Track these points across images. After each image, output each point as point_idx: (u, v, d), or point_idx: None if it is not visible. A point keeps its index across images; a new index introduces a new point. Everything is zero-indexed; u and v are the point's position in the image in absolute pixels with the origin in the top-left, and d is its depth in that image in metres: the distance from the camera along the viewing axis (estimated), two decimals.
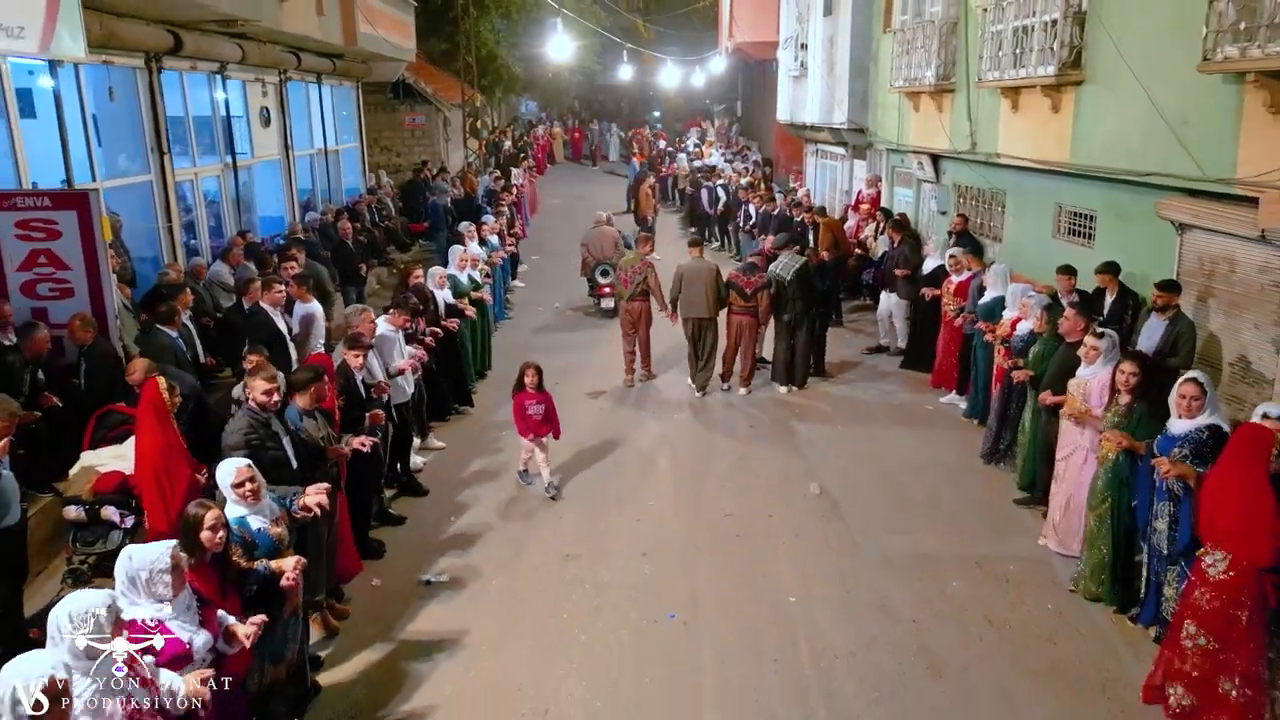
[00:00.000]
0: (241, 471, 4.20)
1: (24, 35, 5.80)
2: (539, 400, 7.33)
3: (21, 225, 6.85)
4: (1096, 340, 6.03)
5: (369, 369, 6.39)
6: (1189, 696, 4.53)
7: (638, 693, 4.94)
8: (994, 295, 8.45)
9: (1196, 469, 4.72)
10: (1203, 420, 4.89)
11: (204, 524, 3.72)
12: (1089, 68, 8.15)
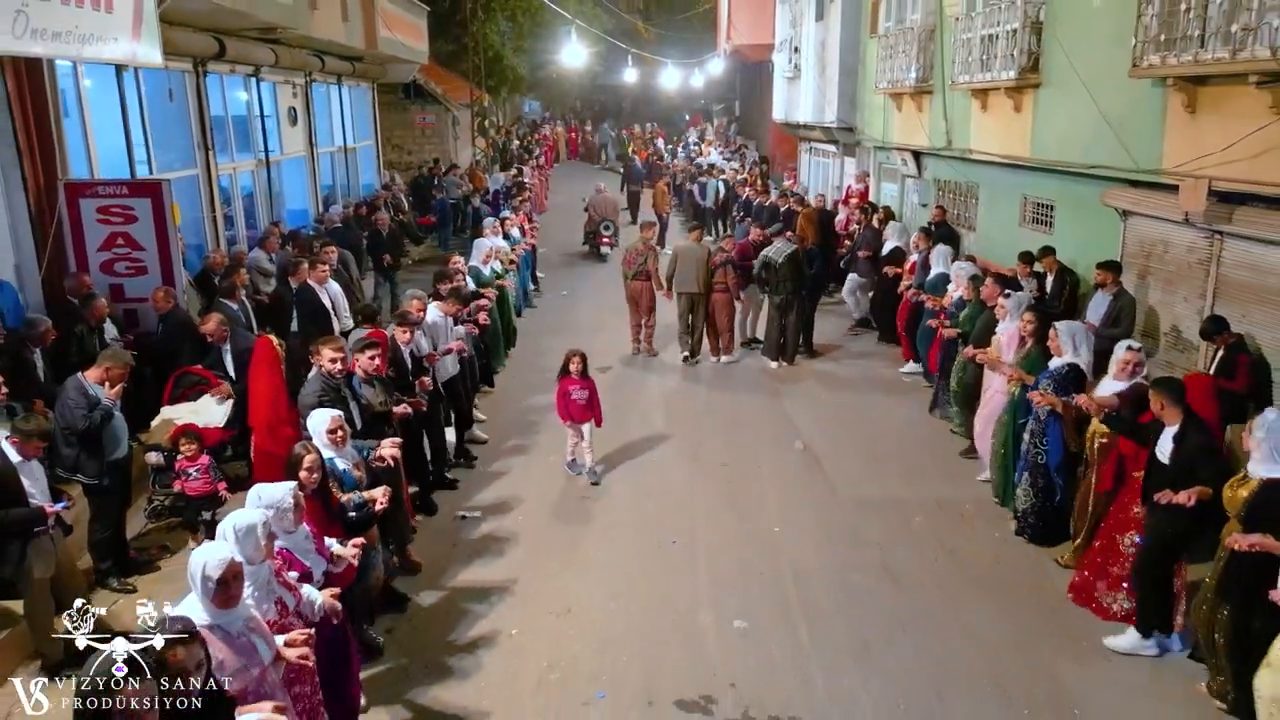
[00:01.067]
0: (334, 419, 4.96)
1: (118, 43, 6.75)
2: (583, 386, 7.54)
3: (102, 211, 7.81)
4: (1004, 300, 7.28)
5: (417, 345, 7.18)
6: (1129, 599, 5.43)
7: (644, 597, 5.90)
8: (938, 272, 9.61)
9: (1062, 398, 5.99)
10: (1065, 360, 6.15)
11: (304, 464, 4.45)
12: (1045, 72, 9.13)
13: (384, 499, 4.94)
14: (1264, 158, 6.15)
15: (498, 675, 5.12)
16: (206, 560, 3.27)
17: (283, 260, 10.36)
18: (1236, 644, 4.49)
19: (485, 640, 5.44)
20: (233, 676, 3.25)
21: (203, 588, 3.27)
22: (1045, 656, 5.29)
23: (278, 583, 3.74)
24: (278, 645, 3.49)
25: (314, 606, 3.88)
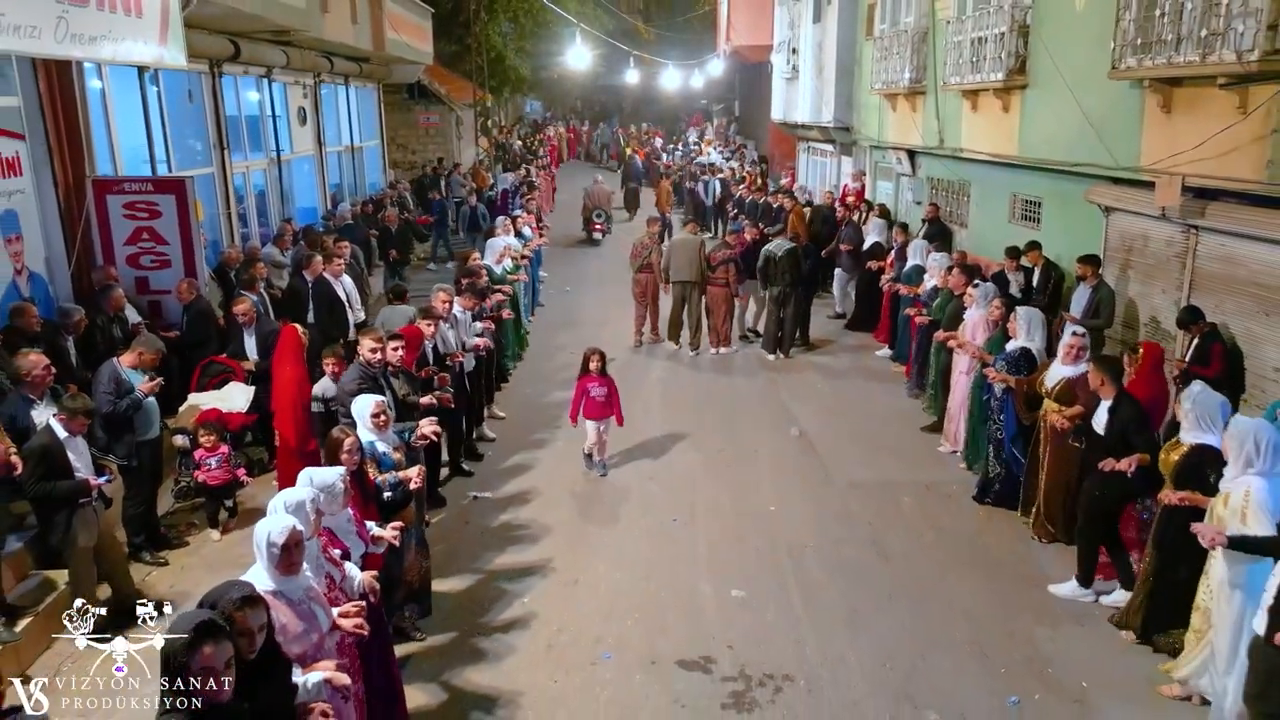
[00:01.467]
0: (378, 404, 5.22)
1: (146, 46, 7.10)
2: (601, 384, 7.66)
3: (129, 206, 8.17)
4: (973, 289, 7.84)
5: (442, 338, 7.49)
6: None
7: (647, 569, 6.27)
8: (913, 264, 10.23)
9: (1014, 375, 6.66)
10: (1019, 343, 6.82)
11: (344, 446, 4.66)
12: (1031, 74, 9.48)
13: (419, 479, 5.14)
14: (1232, 155, 6.51)
15: (511, 639, 5.48)
16: (271, 529, 3.48)
17: (296, 255, 10.73)
18: (1160, 586, 5.11)
19: (498, 608, 5.81)
20: (295, 641, 3.44)
21: (268, 554, 3.47)
22: (1022, 623, 5.65)
23: (324, 558, 3.94)
24: (334, 616, 3.70)
25: (354, 584, 4.07)
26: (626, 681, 5.11)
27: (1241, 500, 4.26)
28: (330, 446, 4.71)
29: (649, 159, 27.53)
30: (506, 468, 8.06)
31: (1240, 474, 4.33)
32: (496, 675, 5.15)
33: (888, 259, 11.30)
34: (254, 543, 3.52)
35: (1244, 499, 4.25)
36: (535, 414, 9.39)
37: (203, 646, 2.76)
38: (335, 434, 4.77)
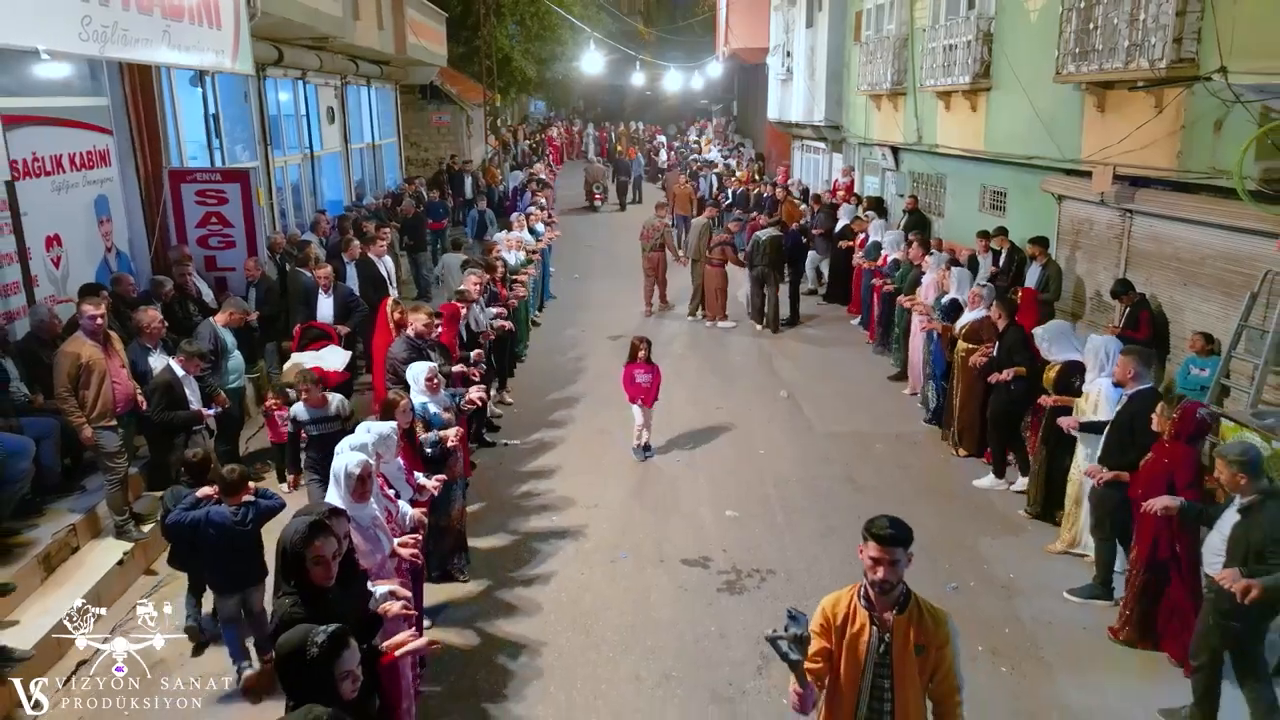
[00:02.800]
0: (431, 369, 6.18)
1: (223, 56, 8.27)
2: (647, 370, 8.15)
3: (200, 194, 9.32)
4: (928, 258, 9.29)
5: (474, 318, 8.56)
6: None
7: (655, 496, 7.45)
8: (873, 240, 11.81)
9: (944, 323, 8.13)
10: (950, 295, 8.30)
11: (399, 407, 5.53)
12: (995, 77, 10.65)
13: (455, 439, 5.95)
14: (1151, 148, 7.67)
15: (544, 546, 6.65)
16: (347, 462, 4.27)
17: (332, 242, 11.86)
18: (1050, 471, 6.68)
19: (531, 525, 6.97)
20: (363, 557, 4.23)
21: (345, 484, 4.23)
22: (968, 534, 6.81)
23: (383, 495, 4.78)
24: (393, 543, 4.57)
25: (406, 518, 4.93)
26: (640, 574, 6.28)
27: (1096, 397, 5.51)
28: (387, 406, 5.49)
29: (649, 156, 28.67)
30: (530, 426, 9.22)
31: (1095, 378, 5.58)
32: (534, 569, 6.33)
33: (858, 239, 12.67)
34: (332, 476, 4.35)
35: (1097, 395, 5.49)
36: (553, 379, 10.58)
37: (315, 539, 3.49)
38: (392, 396, 5.62)
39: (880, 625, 3.12)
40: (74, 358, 5.77)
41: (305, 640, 2.94)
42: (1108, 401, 5.63)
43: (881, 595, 3.11)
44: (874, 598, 3.13)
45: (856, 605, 3.16)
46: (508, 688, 5.11)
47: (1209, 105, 6.83)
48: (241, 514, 4.89)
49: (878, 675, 3.11)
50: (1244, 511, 4.34)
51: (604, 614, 5.82)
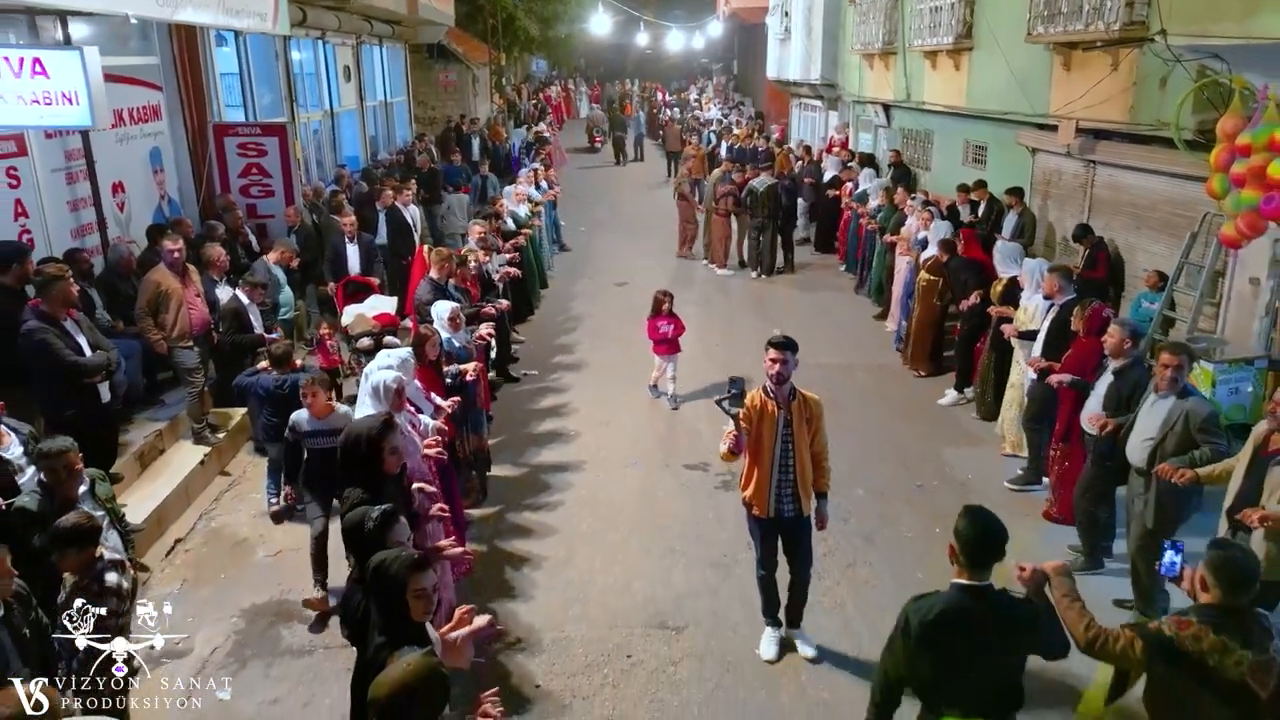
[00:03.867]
0: (454, 309, 6.98)
1: (265, 19, 9.04)
2: (669, 321, 8.57)
3: (241, 146, 10.14)
4: (911, 201, 10.30)
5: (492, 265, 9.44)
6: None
7: (660, 419, 8.42)
8: (862, 188, 12.69)
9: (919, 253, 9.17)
10: (923, 235, 9.39)
11: (429, 341, 6.36)
12: (976, 38, 11.40)
13: (473, 372, 6.76)
14: (1108, 103, 8.49)
15: (563, 455, 7.62)
16: (385, 378, 4.96)
17: (357, 193, 12.69)
18: (996, 376, 7.70)
19: (549, 442, 7.94)
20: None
21: (385, 396, 4.93)
22: (935, 445, 7.78)
23: (408, 409, 5.48)
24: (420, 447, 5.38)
25: (428, 427, 5.68)
26: (648, 476, 7.26)
27: (1032, 309, 6.51)
28: (419, 340, 6.27)
29: (652, 113, 29.30)
30: (544, 361, 10.16)
31: (1031, 294, 6.57)
32: (554, 476, 7.30)
33: (844, 188, 13.58)
34: (372, 387, 5.00)
35: (1034, 309, 6.50)
36: (562, 321, 11.50)
37: (389, 434, 4.24)
38: (424, 330, 6.43)
39: (782, 406, 4.71)
40: (155, 285, 6.68)
41: (364, 517, 3.78)
42: (1040, 312, 6.70)
43: (777, 385, 4.70)
44: (772, 388, 4.71)
45: (764, 396, 4.74)
46: (534, 561, 6.09)
47: (1155, 64, 7.64)
48: (281, 382, 6.23)
49: (783, 438, 4.75)
50: (1117, 373, 5.50)
51: (617, 506, 6.80)
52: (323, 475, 5.45)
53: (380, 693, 2.73)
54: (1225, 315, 7.82)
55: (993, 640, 3.13)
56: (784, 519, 4.86)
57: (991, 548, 3.20)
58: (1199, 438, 4.96)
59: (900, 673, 3.28)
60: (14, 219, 7.08)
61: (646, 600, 5.61)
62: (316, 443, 5.56)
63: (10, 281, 5.64)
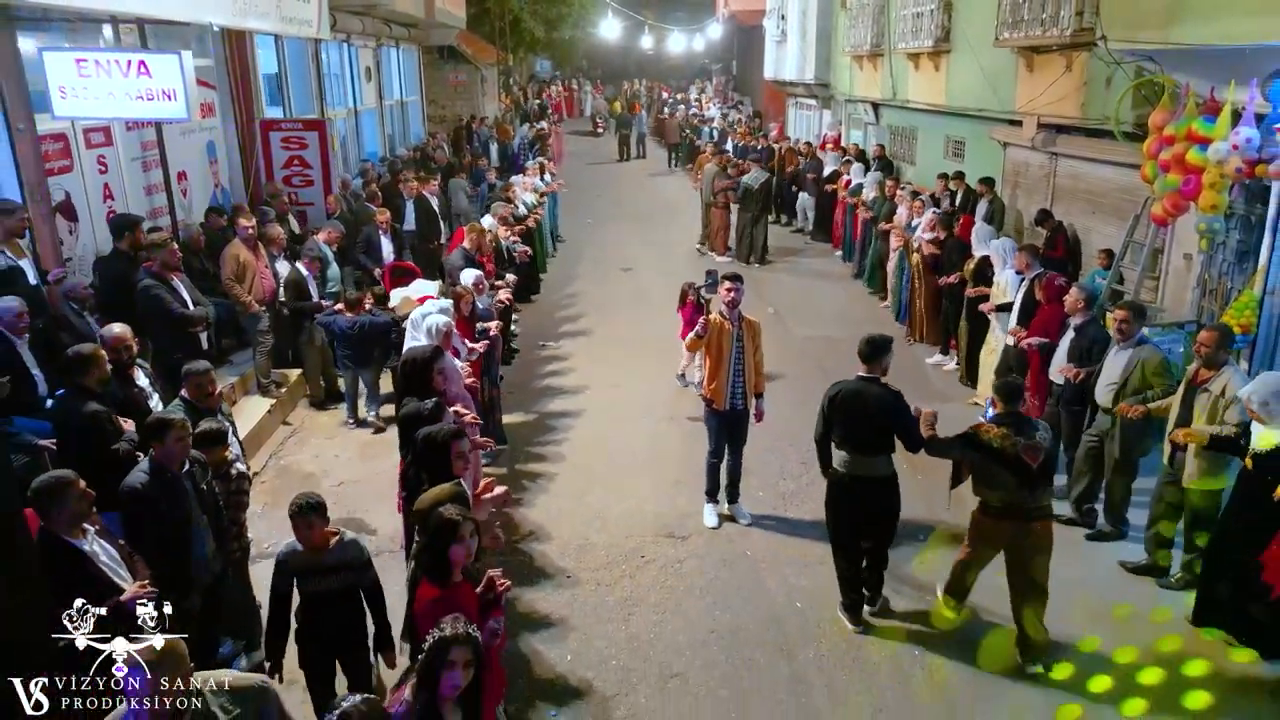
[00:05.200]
0: (478, 275, 8.16)
1: (311, 25, 10.09)
2: (698, 311, 8.67)
3: (284, 140, 11.19)
4: (902, 190, 11.24)
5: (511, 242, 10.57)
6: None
7: (664, 380, 9.44)
8: (856, 182, 13.66)
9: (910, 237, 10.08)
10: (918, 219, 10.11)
11: (464, 298, 7.56)
12: (953, 41, 12.45)
13: (495, 329, 7.94)
14: (1063, 101, 9.55)
15: (579, 411, 8.67)
16: (436, 321, 6.17)
17: (383, 184, 13.72)
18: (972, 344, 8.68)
19: (562, 399, 9.00)
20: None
21: (436, 335, 6.10)
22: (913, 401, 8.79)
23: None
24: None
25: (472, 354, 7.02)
26: (653, 427, 8.32)
27: (1004, 284, 7.47)
28: (455, 296, 7.46)
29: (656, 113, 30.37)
30: (555, 333, 11.22)
31: (1002, 270, 7.55)
32: (570, 427, 8.36)
33: (841, 181, 14.60)
34: (425, 330, 6.18)
35: (1005, 283, 7.45)
36: (571, 300, 12.56)
37: (439, 358, 5.43)
38: (459, 290, 7.59)
39: (735, 325, 6.28)
40: (235, 257, 7.72)
41: (421, 407, 4.84)
42: (1011, 286, 7.68)
43: (730, 309, 6.29)
44: (727, 311, 6.29)
45: (721, 318, 6.29)
46: (556, 491, 7.12)
47: (1101, 66, 8.69)
48: (354, 323, 7.55)
49: (736, 349, 6.29)
50: (1078, 330, 6.55)
51: (629, 450, 7.86)
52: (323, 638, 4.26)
53: (421, 505, 3.84)
54: (1164, 287, 8.88)
55: (873, 408, 5.17)
56: (735, 410, 6.44)
57: (878, 350, 5.31)
58: (1151, 380, 6.03)
59: (823, 427, 5.36)
60: (103, 200, 8.13)
61: (655, 517, 6.67)
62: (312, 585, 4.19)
63: (125, 247, 6.70)
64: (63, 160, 7.48)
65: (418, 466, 4.52)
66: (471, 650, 3.02)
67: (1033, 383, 7.33)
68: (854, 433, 5.25)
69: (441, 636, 3.01)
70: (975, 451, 4.94)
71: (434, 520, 3.64)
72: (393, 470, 7.28)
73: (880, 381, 5.28)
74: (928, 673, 5.00)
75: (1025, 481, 4.82)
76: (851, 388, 5.31)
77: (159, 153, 8.84)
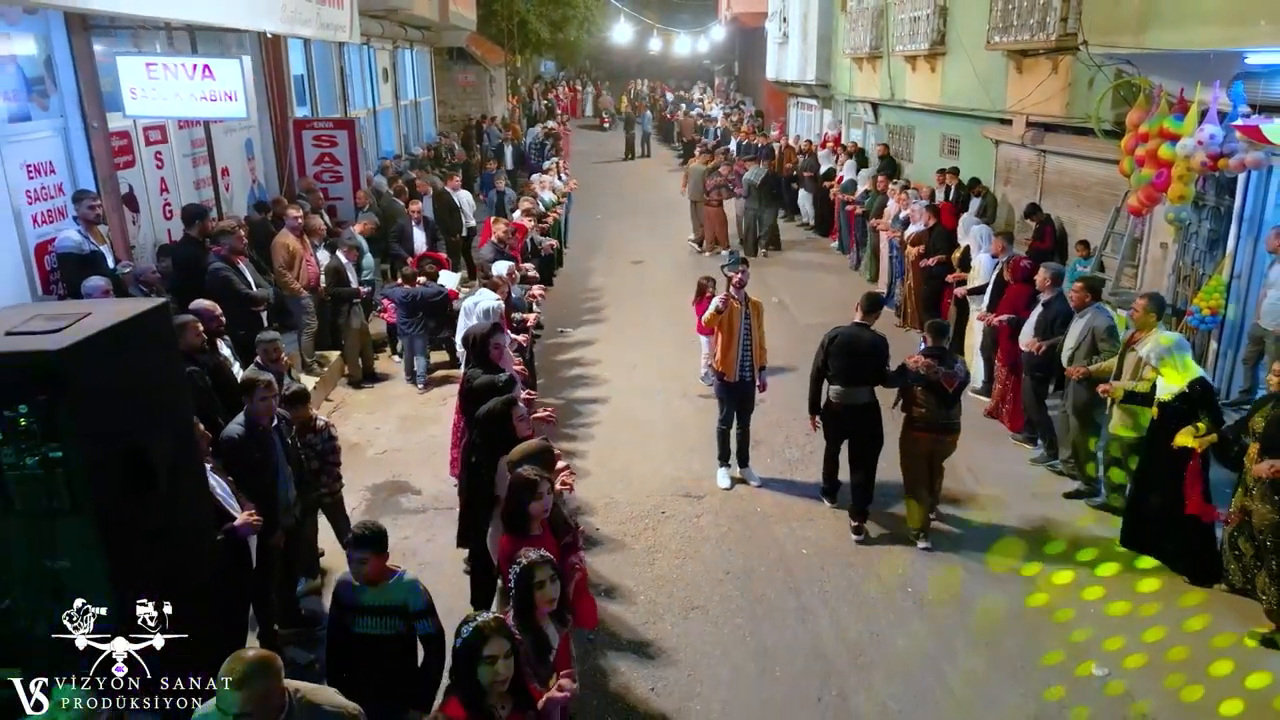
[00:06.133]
0: (510, 266, 8.77)
1: (345, 31, 10.75)
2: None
3: (316, 139, 11.85)
4: (894, 186, 11.87)
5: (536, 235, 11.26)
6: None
7: (678, 362, 10.10)
8: (849, 179, 14.53)
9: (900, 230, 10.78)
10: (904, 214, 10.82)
11: (501, 287, 8.31)
12: (948, 44, 13.10)
13: (533, 320, 8.60)
14: (1050, 101, 10.20)
15: (598, 387, 9.33)
16: (492, 304, 6.97)
17: (406, 180, 14.38)
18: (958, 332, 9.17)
19: (584, 379, 9.66)
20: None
21: (492, 315, 6.88)
22: None
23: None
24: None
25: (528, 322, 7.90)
26: (669, 401, 8.99)
27: (978, 266, 8.19)
28: (493, 284, 8.06)
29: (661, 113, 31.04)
30: (574, 319, 11.89)
31: (977, 253, 8.25)
32: (591, 401, 9.03)
33: (837, 178, 15.38)
34: (480, 313, 6.91)
35: (979, 265, 8.16)
36: (587, 290, 13.23)
37: (496, 333, 6.01)
38: (496, 279, 8.17)
39: (743, 304, 6.95)
40: (285, 246, 8.38)
41: (494, 380, 5.50)
42: (985, 269, 8.38)
43: (739, 289, 6.95)
44: (735, 292, 6.93)
45: (732, 298, 6.92)
46: (581, 454, 7.79)
47: (1084, 69, 9.34)
48: (408, 294, 8.58)
49: (744, 326, 6.94)
50: (1045, 305, 7.28)
51: (646, 421, 8.54)
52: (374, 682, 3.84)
53: (512, 457, 4.46)
54: (1143, 274, 9.54)
55: (866, 348, 6.32)
56: (743, 381, 7.09)
57: (875, 305, 6.57)
58: (1100, 345, 6.73)
59: (821, 362, 6.45)
60: (159, 193, 8.79)
61: (674, 480, 7.33)
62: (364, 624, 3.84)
63: (195, 234, 7.36)
64: (126, 156, 8.14)
65: (483, 432, 5.03)
66: (551, 568, 3.47)
67: (1002, 355, 8.10)
68: (846, 368, 6.39)
69: (525, 564, 3.42)
70: (908, 377, 6.19)
71: (514, 480, 4.06)
72: (430, 440, 8.02)
73: (871, 329, 6.46)
74: (917, 604, 5.67)
75: (943, 402, 6.10)
76: (849, 331, 6.44)
77: (207, 149, 9.50)
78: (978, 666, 5.09)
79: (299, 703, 2.88)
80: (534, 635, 3.43)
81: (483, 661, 2.92)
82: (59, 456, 2.61)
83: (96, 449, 2.69)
